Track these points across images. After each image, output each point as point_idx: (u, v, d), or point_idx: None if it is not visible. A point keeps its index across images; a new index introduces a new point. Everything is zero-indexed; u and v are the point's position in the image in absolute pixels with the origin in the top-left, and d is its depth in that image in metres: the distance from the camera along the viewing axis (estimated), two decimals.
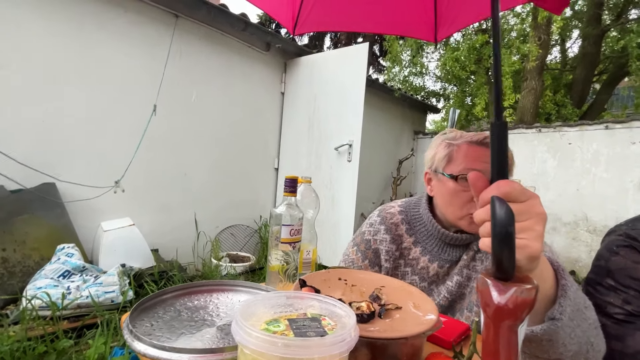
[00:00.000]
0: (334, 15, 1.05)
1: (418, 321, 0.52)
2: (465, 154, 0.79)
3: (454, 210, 0.80)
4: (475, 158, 0.79)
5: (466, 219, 0.79)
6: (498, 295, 0.36)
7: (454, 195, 0.79)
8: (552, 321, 0.45)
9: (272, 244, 0.78)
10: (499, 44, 0.45)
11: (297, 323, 0.38)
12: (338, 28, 1.17)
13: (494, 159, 0.41)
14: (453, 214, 0.81)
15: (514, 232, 0.35)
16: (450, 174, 0.80)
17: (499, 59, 0.44)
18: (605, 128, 3.80)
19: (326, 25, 1.14)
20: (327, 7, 1.00)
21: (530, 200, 0.40)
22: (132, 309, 0.53)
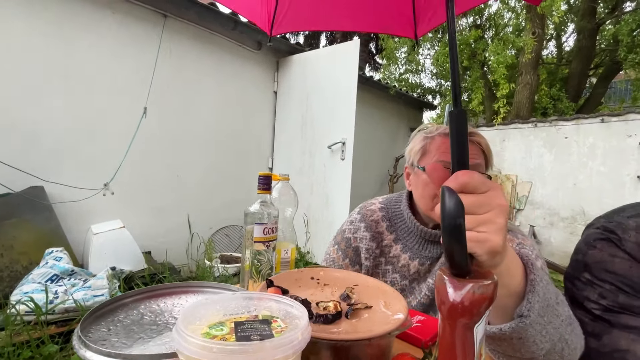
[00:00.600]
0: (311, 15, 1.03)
1: (385, 321, 0.50)
2: (438, 146, 0.77)
3: (426, 201, 0.78)
4: (447, 149, 0.77)
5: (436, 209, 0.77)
6: (453, 292, 0.34)
7: (425, 187, 0.77)
8: (520, 318, 0.43)
9: (247, 243, 0.76)
10: (455, 32, 0.43)
11: (243, 326, 0.36)
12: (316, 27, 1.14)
13: (454, 149, 0.39)
14: (425, 205, 0.79)
15: (463, 224, 0.32)
16: (423, 166, 0.78)
17: (455, 46, 0.42)
18: (601, 121, 3.77)
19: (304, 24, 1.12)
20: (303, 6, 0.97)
21: (490, 192, 0.37)
22: (86, 315, 0.51)
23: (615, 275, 0.65)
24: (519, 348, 0.46)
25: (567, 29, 6.68)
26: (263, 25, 0.96)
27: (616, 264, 0.66)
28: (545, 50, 6.27)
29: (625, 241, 0.66)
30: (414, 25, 0.95)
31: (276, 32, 0.97)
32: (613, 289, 0.64)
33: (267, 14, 0.93)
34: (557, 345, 0.47)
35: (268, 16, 0.93)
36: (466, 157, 0.39)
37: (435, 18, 0.93)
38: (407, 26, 0.95)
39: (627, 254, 0.65)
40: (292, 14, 0.93)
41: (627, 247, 0.66)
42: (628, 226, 0.67)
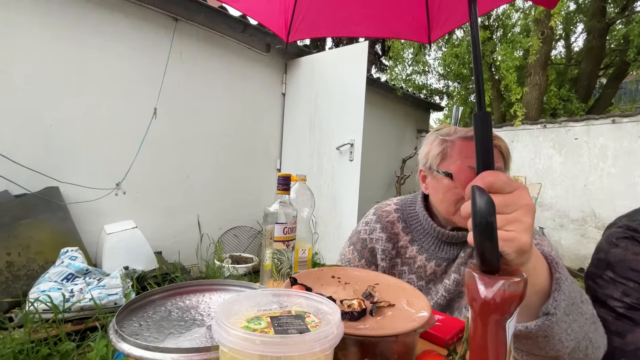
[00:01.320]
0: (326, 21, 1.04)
1: (410, 318, 0.51)
2: (460, 151, 0.76)
3: (448, 206, 0.78)
4: (470, 154, 0.77)
5: (459, 214, 0.77)
6: (484, 289, 0.35)
7: (447, 192, 0.77)
8: (547, 316, 0.44)
9: (266, 242, 0.77)
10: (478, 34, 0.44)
11: (279, 320, 0.37)
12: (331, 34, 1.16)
13: (479, 150, 0.40)
14: (446, 210, 0.79)
15: (494, 222, 0.33)
16: (445, 171, 0.78)
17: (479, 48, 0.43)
18: (612, 122, 3.73)
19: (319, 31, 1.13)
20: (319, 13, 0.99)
21: (516, 191, 0.38)
22: (120, 310, 0.53)
23: (639, 274, 0.64)
24: (543, 346, 0.46)
25: (576, 29, 6.61)
26: (280, 32, 0.98)
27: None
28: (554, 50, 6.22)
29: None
30: (428, 30, 0.95)
31: (293, 39, 0.98)
32: (637, 287, 0.64)
33: (284, 20, 0.95)
34: (581, 344, 0.47)
35: (285, 23, 0.95)
36: (491, 158, 0.40)
37: (450, 22, 0.93)
38: (421, 31, 0.95)
39: None
40: (309, 21, 0.95)
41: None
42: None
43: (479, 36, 0.43)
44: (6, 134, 2.00)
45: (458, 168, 0.72)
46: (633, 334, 0.62)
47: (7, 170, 1.98)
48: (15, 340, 1.42)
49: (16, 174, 2.01)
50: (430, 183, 0.85)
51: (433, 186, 0.84)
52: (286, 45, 1.01)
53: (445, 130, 0.83)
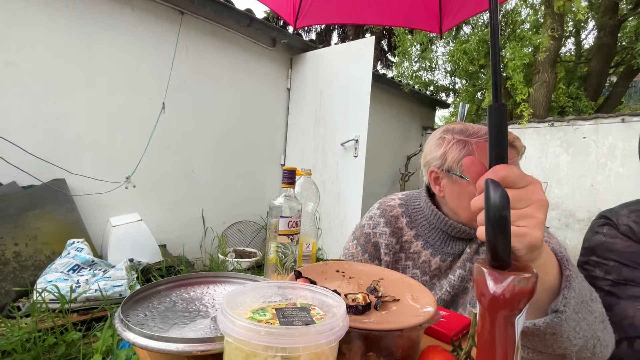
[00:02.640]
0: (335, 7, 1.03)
1: (415, 313, 0.50)
2: (481, 154, 0.72)
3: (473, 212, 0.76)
4: None
5: None
6: (494, 285, 0.34)
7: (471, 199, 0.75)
8: (556, 314, 0.43)
9: (271, 236, 0.77)
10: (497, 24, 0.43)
11: (284, 312, 0.37)
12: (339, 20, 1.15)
13: (492, 143, 0.39)
14: (471, 216, 0.76)
15: (508, 216, 0.33)
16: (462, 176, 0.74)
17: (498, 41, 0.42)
18: (622, 121, 3.67)
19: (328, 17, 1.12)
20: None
21: (530, 186, 0.37)
22: (125, 300, 0.53)
23: (617, 253, 0.76)
24: (551, 344, 0.46)
25: (587, 26, 6.49)
26: (288, 17, 0.97)
27: (617, 244, 0.77)
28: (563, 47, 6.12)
29: (619, 225, 0.79)
30: (440, 20, 0.94)
31: (301, 25, 0.97)
32: (617, 265, 0.75)
33: (292, 5, 0.94)
34: (589, 342, 0.47)
35: (293, 8, 0.94)
36: (505, 152, 0.39)
37: (462, 12, 0.91)
38: (433, 20, 0.94)
39: (624, 235, 0.78)
40: (318, 6, 0.94)
41: (621, 229, 0.78)
42: (619, 213, 0.81)
43: (498, 24, 0.42)
44: (14, 125, 2.02)
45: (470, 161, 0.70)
46: (618, 306, 0.72)
47: (16, 160, 1.99)
48: (22, 328, 1.44)
49: (24, 164, 2.03)
50: (449, 187, 0.80)
51: (454, 191, 0.79)
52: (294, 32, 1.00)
53: (460, 128, 0.78)
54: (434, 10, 0.94)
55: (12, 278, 1.76)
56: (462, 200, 0.78)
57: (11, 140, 1.98)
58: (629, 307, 0.71)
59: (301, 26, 1.05)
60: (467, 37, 5.48)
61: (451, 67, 6.35)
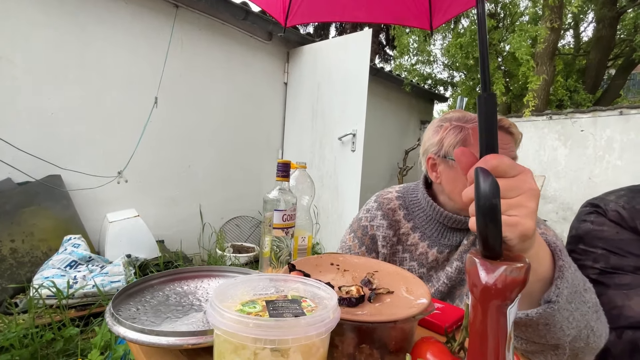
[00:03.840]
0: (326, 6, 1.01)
1: (408, 305, 0.50)
2: None
3: None
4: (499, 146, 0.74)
5: None
6: (486, 275, 0.34)
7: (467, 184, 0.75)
8: (549, 304, 0.43)
9: (266, 229, 0.76)
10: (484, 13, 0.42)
11: (274, 304, 0.37)
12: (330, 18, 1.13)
13: (482, 133, 0.38)
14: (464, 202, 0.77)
15: (499, 204, 0.32)
16: None
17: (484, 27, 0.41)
18: (620, 114, 3.66)
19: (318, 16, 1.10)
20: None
21: (521, 175, 0.37)
22: (117, 294, 0.53)
23: (605, 241, 0.74)
24: (544, 334, 0.46)
25: (586, 18, 6.45)
26: (278, 16, 0.95)
27: (605, 231, 0.76)
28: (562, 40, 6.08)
29: (608, 211, 0.77)
30: (430, 16, 0.92)
31: (291, 23, 0.95)
32: (604, 253, 0.73)
33: (282, 4, 0.92)
34: (582, 332, 0.46)
35: (283, 7, 0.92)
36: (495, 141, 0.39)
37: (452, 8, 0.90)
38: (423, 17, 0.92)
39: (612, 222, 0.76)
40: (307, 5, 0.92)
41: (610, 215, 0.76)
42: (607, 199, 0.79)
43: (485, 14, 0.41)
44: (8, 121, 2.00)
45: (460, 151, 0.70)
46: (606, 296, 0.70)
47: (9, 157, 1.98)
48: (20, 325, 1.44)
49: (18, 161, 2.01)
50: (445, 173, 0.81)
51: (450, 176, 0.80)
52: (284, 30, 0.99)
53: (458, 115, 0.80)
54: (424, 7, 0.92)
55: (9, 275, 1.76)
56: (457, 185, 0.79)
57: (3, 137, 1.96)
58: (617, 297, 0.69)
59: (291, 25, 1.03)
60: (463, 30, 5.44)
61: (448, 61, 6.32)
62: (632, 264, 0.71)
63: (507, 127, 0.76)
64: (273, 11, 0.96)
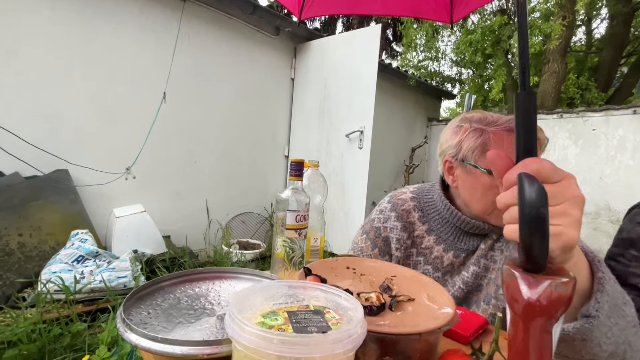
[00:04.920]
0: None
1: (433, 315, 0.47)
2: (508, 145, 0.68)
3: (485, 204, 0.72)
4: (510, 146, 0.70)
5: (495, 213, 0.72)
6: (528, 290, 0.31)
7: (487, 191, 0.71)
8: (587, 319, 0.40)
9: (278, 230, 0.74)
10: (525, 5, 0.39)
11: (297, 316, 0.35)
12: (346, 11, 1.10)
13: (520, 135, 0.36)
14: (483, 209, 0.73)
15: (547, 213, 0.29)
16: (487, 167, 0.70)
17: (526, 25, 0.38)
18: (633, 113, 3.58)
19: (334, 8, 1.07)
20: None
21: (564, 181, 0.34)
22: (128, 297, 0.51)
23: None
24: (579, 349, 0.43)
25: (599, 14, 6.31)
26: (293, 8, 0.92)
27: None
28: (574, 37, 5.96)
29: None
30: (450, 9, 0.88)
31: (306, 16, 0.92)
32: None
33: None
34: (620, 348, 0.44)
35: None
36: (534, 143, 0.36)
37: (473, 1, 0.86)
38: (443, 10, 0.88)
39: None
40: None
41: None
42: None
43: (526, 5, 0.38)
44: (16, 115, 1.99)
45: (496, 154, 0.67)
46: None
47: (18, 151, 1.98)
48: (28, 319, 1.44)
49: (26, 155, 2.01)
50: (462, 177, 0.77)
51: (467, 181, 0.76)
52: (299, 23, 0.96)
53: (479, 117, 0.74)
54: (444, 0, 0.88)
55: (17, 269, 1.76)
56: (475, 191, 0.74)
57: (12, 130, 1.96)
58: None
59: (306, 17, 1.00)
60: (473, 27, 5.34)
61: (457, 57, 6.22)
62: None
63: None
64: (288, 3, 0.93)
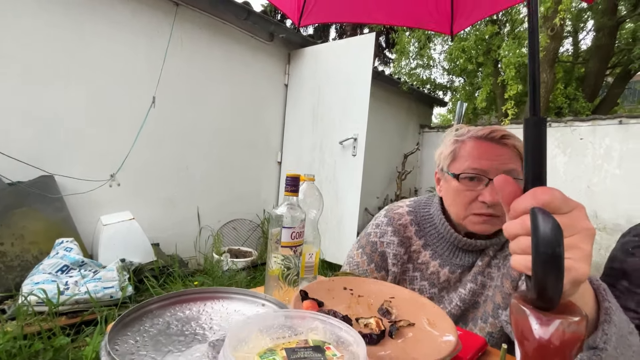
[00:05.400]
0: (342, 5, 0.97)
1: (435, 343, 0.46)
2: (470, 151, 0.74)
3: (458, 210, 0.76)
4: (480, 155, 0.73)
5: (470, 218, 0.75)
6: (540, 328, 0.30)
7: (457, 195, 0.75)
8: (594, 351, 0.39)
9: (272, 247, 0.72)
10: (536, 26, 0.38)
11: (296, 354, 0.32)
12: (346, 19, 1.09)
13: (528, 162, 0.35)
14: (457, 214, 0.77)
15: (562, 253, 0.28)
16: (453, 172, 0.76)
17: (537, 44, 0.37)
18: (619, 123, 3.67)
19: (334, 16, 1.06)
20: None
21: (574, 212, 0.33)
22: (114, 323, 0.48)
23: None
24: None
25: (585, 26, 6.49)
26: (292, 14, 0.91)
27: None
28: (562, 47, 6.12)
29: None
30: (451, 21, 0.89)
31: (305, 23, 0.92)
32: None
33: (296, 2, 0.88)
34: None
35: (298, 4, 0.88)
36: (544, 171, 0.35)
37: (476, 12, 0.87)
38: (444, 21, 0.89)
39: None
40: (323, 4, 0.88)
41: None
42: None
43: (537, 27, 0.37)
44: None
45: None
46: None
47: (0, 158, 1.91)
48: (8, 333, 1.38)
49: (8, 161, 1.94)
50: (443, 185, 0.82)
51: (445, 188, 0.81)
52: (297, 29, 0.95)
53: (461, 131, 0.80)
54: (445, 11, 0.89)
55: None
56: (448, 196, 0.80)
57: None
58: None
59: (305, 24, 0.99)
60: (465, 35, 5.43)
61: (449, 65, 6.32)
62: None
63: (497, 137, 0.73)
64: (286, 9, 0.92)
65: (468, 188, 0.73)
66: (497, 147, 0.73)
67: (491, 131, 0.74)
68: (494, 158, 0.72)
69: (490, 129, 0.74)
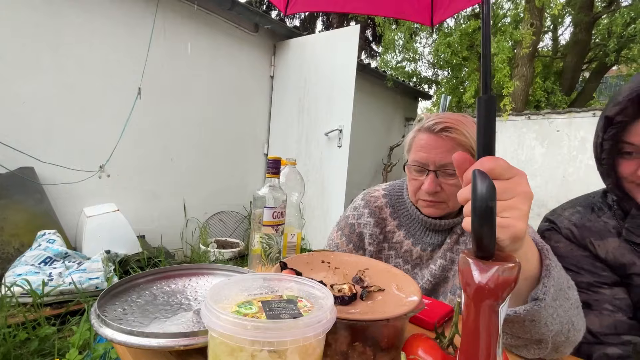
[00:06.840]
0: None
1: (400, 303, 0.51)
2: (417, 143, 0.80)
3: (411, 195, 0.85)
4: (422, 147, 0.79)
5: (419, 203, 0.84)
6: (479, 274, 0.35)
7: (409, 182, 0.84)
8: (536, 301, 0.45)
9: (255, 226, 0.76)
10: (489, 14, 0.43)
11: (270, 305, 0.36)
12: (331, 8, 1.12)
13: (480, 135, 0.39)
14: (411, 198, 0.86)
15: (494, 207, 0.33)
16: (405, 162, 0.84)
17: (489, 31, 0.42)
18: (593, 115, 3.84)
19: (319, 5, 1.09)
20: None
21: (515, 178, 0.38)
22: (102, 294, 0.51)
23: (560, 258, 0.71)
24: (529, 329, 0.48)
25: (564, 22, 6.68)
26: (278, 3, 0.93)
27: (560, 248, 0.77)
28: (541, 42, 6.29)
29: (561, 229, 0.78)
30: (431, 12, 0.93)
31: (291, 11, 0.94)
32: None
33: None
34: (564, 327, 0.49)
35: None
36: (492, 144, 0.40)
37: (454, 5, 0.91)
38: (424, 12, 0.93)
39: (566, 239, 0.77)
40: None
41: (563, 232, 0.78)
42: (562, 215, 0.80)
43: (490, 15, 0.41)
44: None
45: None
46: None
47: None
48: None
49: None
50: None
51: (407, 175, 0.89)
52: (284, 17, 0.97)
53: (422, 121, 0.84)
54: (426, 2, 0.93)
55: None
56: (409, 182, 0.86)
57: None
58: None
59: (292, 12, 1.01)
60: (450, 30, 5.52)
61: (434, 59, 6.41)
62: (585, 281, 0.72)
63: (437, 130, 0.75)
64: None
65: (414, 177, 0.82)
66: (437, 139, 0.77)
67: (435, 123, 0.76)
68: (433, 151, 0.77)
69: (434, 120, 0.77)
